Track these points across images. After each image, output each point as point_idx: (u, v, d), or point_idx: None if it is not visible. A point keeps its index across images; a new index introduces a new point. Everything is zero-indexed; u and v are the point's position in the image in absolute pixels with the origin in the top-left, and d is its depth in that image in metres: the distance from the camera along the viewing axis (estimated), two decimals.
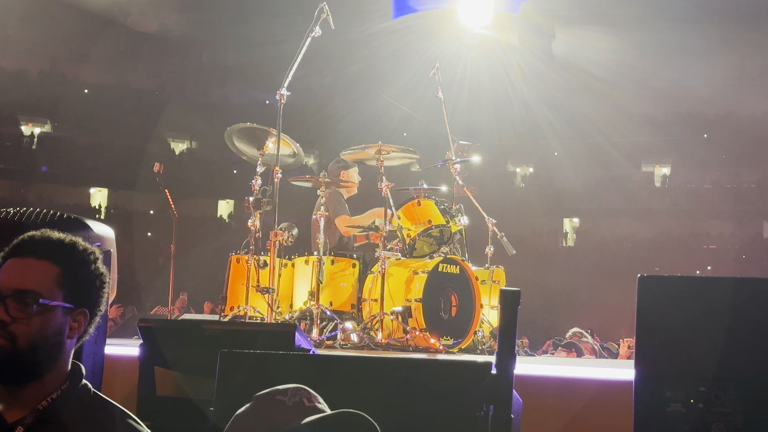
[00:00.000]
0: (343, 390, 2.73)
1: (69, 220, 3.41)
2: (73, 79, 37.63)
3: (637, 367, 2.97)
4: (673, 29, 34.88)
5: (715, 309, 2.88)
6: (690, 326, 2.91)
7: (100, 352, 3.23)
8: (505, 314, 2.70)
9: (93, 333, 2.79)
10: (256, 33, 34.84)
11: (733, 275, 31.03)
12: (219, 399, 2.85)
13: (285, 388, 2.21)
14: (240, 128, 7.68)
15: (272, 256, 7.10)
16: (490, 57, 30.89)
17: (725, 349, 2.87)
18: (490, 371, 2.69)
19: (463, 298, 7.53)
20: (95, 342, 3.09)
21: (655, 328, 2.94)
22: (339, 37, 7.93)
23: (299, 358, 2.98)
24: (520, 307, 2.69)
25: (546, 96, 35.18)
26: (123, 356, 4.09)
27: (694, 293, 2.92)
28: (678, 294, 2.95)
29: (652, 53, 36.06)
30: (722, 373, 2.84)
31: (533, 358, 7.91)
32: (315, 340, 7.11)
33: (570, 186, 36.25)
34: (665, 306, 2.94)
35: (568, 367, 4.10)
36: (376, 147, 7.80)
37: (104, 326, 3.21)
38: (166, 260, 22.62)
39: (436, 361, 3.02)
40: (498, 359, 2.72)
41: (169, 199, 9.92)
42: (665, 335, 2.92)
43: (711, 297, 2.90)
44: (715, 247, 34.93)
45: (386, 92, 32.35)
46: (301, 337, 3.54)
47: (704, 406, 2.85)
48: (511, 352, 2.75)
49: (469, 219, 8.11)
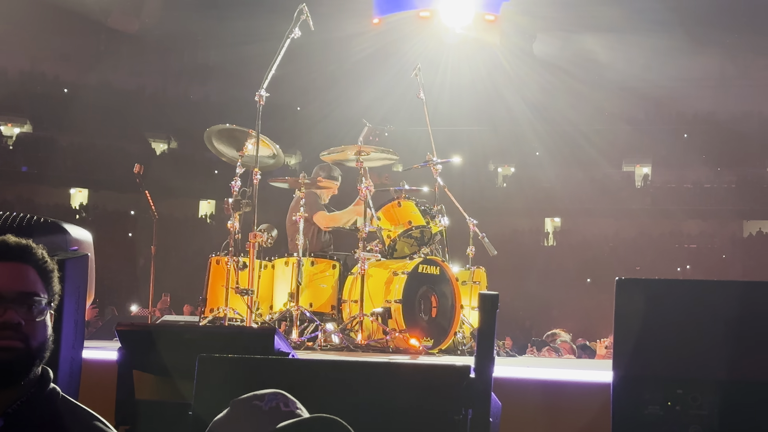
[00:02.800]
0: (322, 394, 2.73)
1: (47, 223, 3.40)
2: (54, 79, 37.41)
3: (615, 370, 2.99)
4: (654, 30, 35.03)
5: (691, 312, 2.90)
6: (667, 329, 2.92)
7: (77, 356, 3.21)
8: (484, 318, 2.71)
9: (70, 337, 2.80)
10: (237, 32, 34.74)
11: (713, 275, 31.31)
12: (197, 404, 2.85)
13: (262, 394, 2.21)
14: (219, 129, 7.65)
15: (251, 257, 7.08)
16: (471, 57, 30.95)
17: (702, 351, 2.89)
18: (469, 375, 2.70)
19: (443, 299, 7.54)
20: (72, 346, 3.08)
21: (633, 331, 2.95)
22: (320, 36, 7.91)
23: (277, 362, 2.98)
24: (498, 310, 2.69)
25: (527, 96, 35.25)
26: (101, 360, 4.07)
27: (672, 296, 2.93)
28: (655, 297, 2.96)
29: (632, 54, 36.20)
30: (699, 375, 2.85)
31: (513, 359, 7.91)
32: (295, 341, 7.10)
33: (551, 186, 36.36)
34: (643, 309, 2.95)
35: (547, 370, 4.11)
36: (356, 148, 7.79)
37: (82, 330, 3.20)
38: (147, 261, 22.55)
39: (415, 365, 3.03)
40: (477, 363, 2.73)
41: (150, 201, 9.88)
42: (643, 338, 2.93)
43: (688, 300, 2.92)
44: (695, 247, 35.12)
45: (368, 92, 32.32)
46: (280, 341, 3.53)
47: (681, 408, 2.86)
48: (490, 355, 2.76)
49: (450, 220, 8.12)
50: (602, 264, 32.45)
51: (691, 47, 35.34)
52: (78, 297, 3.15)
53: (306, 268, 7.53)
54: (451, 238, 8.27)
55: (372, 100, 31.54)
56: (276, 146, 7.74)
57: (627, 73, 37.11)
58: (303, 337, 7.24)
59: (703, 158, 37.04)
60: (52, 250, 3.17)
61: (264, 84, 7.20)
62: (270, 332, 3.53)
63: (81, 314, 3.17)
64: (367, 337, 7.22)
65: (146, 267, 19.84)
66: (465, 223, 8.47)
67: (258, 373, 2.84)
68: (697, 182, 37.05)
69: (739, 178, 36.93)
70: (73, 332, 3.11)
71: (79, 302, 3.16)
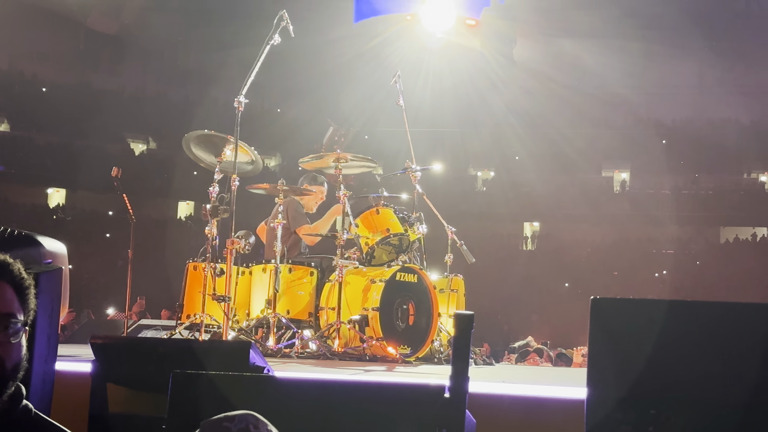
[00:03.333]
0: (296, 413, 2.72)
1: (21, 236, 3.37)
2: (32, 78, 37.19)
3: (589, 387, 2.99)
4: (633, 36, 35.23)
5: (666, 332, 2.91)
6: (641, 348, 2.93)
7: (50, 370, 3.19)
8: (459, 337, 2.71)
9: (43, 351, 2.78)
10: (218, 36, 34.67)
11: (690, 280, 31.52)
12: (171, 421, 2.83)
13: (233, 415, 2.20)
14: (197, 135, 7.62)
15: (229, 264, 7.06)
16: (452, 61, 31.00)
17: (676, 372, 2.90)
18: (443, 395, 2.70)
19: (421, 307, 7.55)
20: (45, 361, 3.06)
21: (607, 349, 2.96)
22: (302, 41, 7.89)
23: (252, 379, 2.97)
24: (473, 330, 2.70)
25: (508, 100, 35.37)
26: (75, 372, 4.05)
27: (647, 316, 2.94)
28: (630, 317, 2.97)
29: (612, 60, 36.36)
30: (673, 395, 2.86)
31: (490, 368, 7.92)
32: (272, 348, 7.09)
33: (531, 190, 36.49)
34: (617, 328, 2.96)
35: (522, 386, 4.12)
36: (334, 155, 7.79)
37: (55, 345, 3.18)
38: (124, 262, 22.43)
39: (390, 386, 3.02)
40: (451, 382, 2.73)
41: (127, 204, 9.83)
42: (617, 357, 2.94)
43: (663, 320, 2.92)
44: (673, 252, 35.30)
45: (349, 96, 32.32)
46: (255, 355, 3.52)
47: (654, 428, 2.86)
48: (465, 374, 2.76)
49: (428, 227, 8.13)
50: (580, 269, 32.60)
51: (670, 54, 35.56)
52: (51, 311, 3.13)
53: (284, 275, 7.52)
54: (430, 245, 8.28)
55: (353, 105, 31.56)
56: (254, 152, 7.72)
57: (607, 78, 37.27)
58: (280, 344, 7.23)
59: (681, 164, 37.28)
60: (27, 263, 3.15)
61: (243, 90, 7.17)
62: (245, 346, 3.52)
63: (54, 328, 3.15)
64: (344, 345, 7.23)
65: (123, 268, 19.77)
66: (443, 230, 8.48)
67: (232, 390, 2.83)
68: (675, 188, 37.26)
69: (717, 185, 37.18)
70: (46, 347, 3.09)
71: (53, 316, 3.14)
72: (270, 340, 7.21)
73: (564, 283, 32.47)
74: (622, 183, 39.32)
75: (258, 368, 3.47)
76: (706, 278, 32.17)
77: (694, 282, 31.87)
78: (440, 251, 8.43)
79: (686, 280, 32.32)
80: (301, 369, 5.64)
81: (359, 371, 5.92)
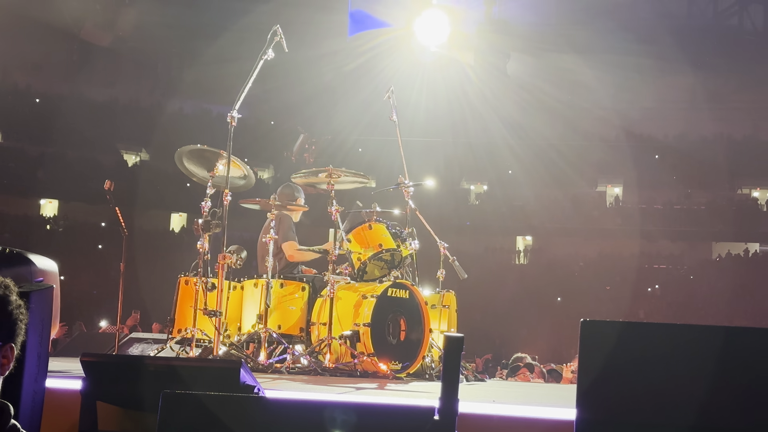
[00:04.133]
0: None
1: (11, 255, 3.37)
2: (25, 89, 37.15)
3: (578, 409, 3.00)
4: (627, 51, 35.32)
5: (656, 355, 2.92)
6: (631, 370, 2.94)
7: (40, 388, 3.19)
8: (448, 360, 2.71)
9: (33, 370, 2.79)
10: (212, 49, 34.69)
11: (682, 296, 31.55)
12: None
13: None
14: (190, 150, 7.63)
15: (220, 278, 7.06)
16: (446, 75, 31.05)
17: (665, 393, 2.90)
18: (433, 417, 2.70)
19: (412, 323, 7.56)
20: (35, 380, 3.05)
21: (597, 372, 2.97)
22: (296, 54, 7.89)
23: (241, 400, 2.97)
24: (463, 353, 2.70)
25: (501, 114, 35.42)
26: (65, 390, 4.04)
27: (637, 339, 2.95)
28: (620, 340, 2.98)
29: (605, 75, 36.47)
30: (662, 420, 2.87)
31: (482, 386, 7.90)
32: (263, 363, 7.08)
33: (524, 204, 36.52)
34: (607, 351, 2.97)
35: (512, 406, 4.12)
36: (327, 170, 7.81)
37: (45, 362, 3.17)
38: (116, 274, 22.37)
39: (379, 407, 3.03)
40: (441, 404, 2.74)
41: (120, 217, 9.81)
42: (607, 380, 2.95)
43: (653, 343, 2.93)
44: (665, 267, 35.34)
45: (343, 109, 32.35)
46: (246, 374, 3.52)
47: None
48: (454, 395, 2.77)
49: (421, 243, 8.14)
50: (572, 283, 32.60)
51: (663, 69, 35.68)
52: (42, 329, 3.13)
53: (275, 290, 7.53)
54: (422, 260, 8.29)
55: (347, 118, 31.60)
56: (247, 167, 7.73)
57: (600, 92, 37.38)
58: (271, 360, 7.23)
59: (674, 180, 37.36)
60: (17, 281, 3.14)
61: (236, 105, 7.18)
62: (236, 365, 3.52)
63: (44, 346, 3.15)
64: (336, 360, 7.23)
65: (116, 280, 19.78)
66: (436, 245, 8.49)
67: (222, 410, 2.83)
68: (667, 203, 37.34)
69: (709, 200, 37.25)
70: (36, 365, 3.09)
71: (43, 334, 3.14)
72: (261, 355, 7.21)
73: (556, 298, 32.47)
74: (615, 198, 39.38)
75: (248, 388, 3.47)
76: (699, 293, 32.21)
77: (686, 297, 31.91)
78: (433, 267, 8.44)
79: (679, 295, 32.36)
80: (292, 386, 5.63)
81: (350, 389, 5.91)
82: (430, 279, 8.60)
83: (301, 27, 25.89)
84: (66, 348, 11.95)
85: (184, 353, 7.24)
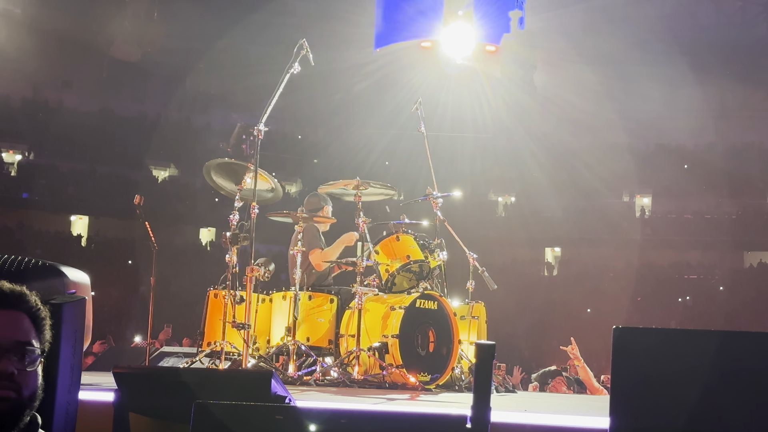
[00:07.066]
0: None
1: (44, 267, 3.40)
2: (56, 106, 37.53)
3: (612, 417, 2.98)
4: (654, 61, 35.21)
5: (689, 361, 2.89)
6: (664, 379, 2.91)
7: (73, 400, 3.20)
8: (480, 367, 2.70)
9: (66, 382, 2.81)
10: (240, 62, 34.95)
11: (714, 306, 31.25)
12: None
13: None
14: (218, 163, 7.66)
15: (248, 291, 7.08)
16: (472, 87, 31.08)
17: (699, 402, 2.87)
18: (465, 425, 2.69)
19: (441, 334, 7.53)
20: (68, 391, 3.07)
21: (630, 380, 2.94)
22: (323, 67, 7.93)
23: (273, 409, 2.97)
24: (495, 360, 2.69)
25: (528, 125, 35.37)
26: (97, 402, 4.06)
27: (670, 346, 2.92)
28: (653, 347, 2.95)
29: (633, 84, 36.34)
30: (695, 426, 2.84)
31: (513, 396, 7.86)
32: (291, 376, 7.09)
33: (552, 215, 36.36)
34: (640, 358, 2.95)
35: (544, 415, 4.09)
36: (354, 182, 7.81)
37: (78, 374, 3.19)
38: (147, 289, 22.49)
39: (411, 416, 3.01)
40: (473, 412, 2.73)
41: (150, 232, 9.87)
42: (640, 387, 2.92)
43: (686, 350, 2.91)
44: (696, 278, 35.06)
45: (369, 121, 32.45)
46: (277, 384, 3.52)
47: None
48: (486, 404, 2.75)
49: (449, 254, 8.12)
50: (603, 294, 32.39)
51: (691, 78, 35.46)
52: (75, 341, 3.14)
53: (303, 302, 7.53)
54: (451, 272, 8.26)
55: (374, 130, 31.68)
56: (274, 180, 7.75)
57: (627, 103, 37.24)
58: (300, 372, 7.23)
59: (704, 189, 37.08)
60: (49, 293, 3.17)
61: (263, 119, 7.22)
62: (267, 375, 3.52)
63: (78, 358, 3.17)
64: (364, 372, 7.21)
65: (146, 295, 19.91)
66: (465, 257, 8.45)
67: (253, 420, 2.83)
68: (697, 213, 37.05)
69: (740, 209, 36.92)
70: (69, 376, 3.10)
71: (76, 346, 3.16)
72: (290, 367, 7.21)
73: (586, 309, 32.27)
74: (643, 208, 39.15)
75: (280, 398, 3.47)
76: (730, 304, 31.90)
77: (718, 307, 31.61)
78: (462, 278, 8.41)
79: (710, 305, 32.07)
80: (322, 398, 5.63)
81: (381, 400, 5.89)
82: (459, 290, 8.57)
83: (328, 40, 26.04)
84: (96, 363, 12.01)
85: (214, 366, 7.25)
